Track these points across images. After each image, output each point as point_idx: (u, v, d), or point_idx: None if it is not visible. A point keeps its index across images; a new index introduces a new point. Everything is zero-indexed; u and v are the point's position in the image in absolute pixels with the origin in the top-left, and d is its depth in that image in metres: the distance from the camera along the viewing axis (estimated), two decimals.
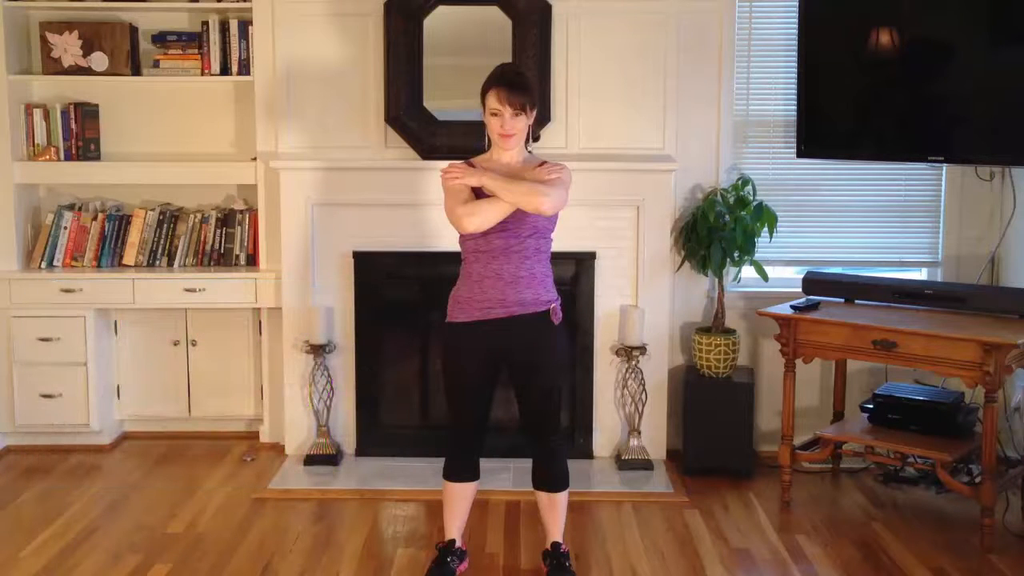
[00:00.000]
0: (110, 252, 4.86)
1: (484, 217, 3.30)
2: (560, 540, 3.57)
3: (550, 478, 3.54)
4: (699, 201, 4.63)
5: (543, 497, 3.56)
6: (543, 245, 3.44)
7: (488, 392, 3.53)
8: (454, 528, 3.60)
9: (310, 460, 4.64)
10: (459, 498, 3.58)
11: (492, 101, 3.34)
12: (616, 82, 4.64)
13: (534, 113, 3.42)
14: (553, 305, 3.45)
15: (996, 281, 4.63)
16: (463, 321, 3.44)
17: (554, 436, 3.53)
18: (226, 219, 4.88)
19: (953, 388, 4.39)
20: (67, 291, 4.71)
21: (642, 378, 4.60)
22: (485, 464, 3.64)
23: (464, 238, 3.43)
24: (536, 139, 3.49)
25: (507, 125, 3.34)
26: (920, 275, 4.85)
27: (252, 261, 4.86)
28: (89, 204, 4.91)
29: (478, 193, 3.37)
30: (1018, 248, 4.51)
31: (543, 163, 3.43)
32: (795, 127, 4.52)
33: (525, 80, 3.44)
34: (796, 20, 4.46)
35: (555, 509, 3.56)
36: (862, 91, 4.42)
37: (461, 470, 3.57)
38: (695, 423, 4.56)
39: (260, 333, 4.90)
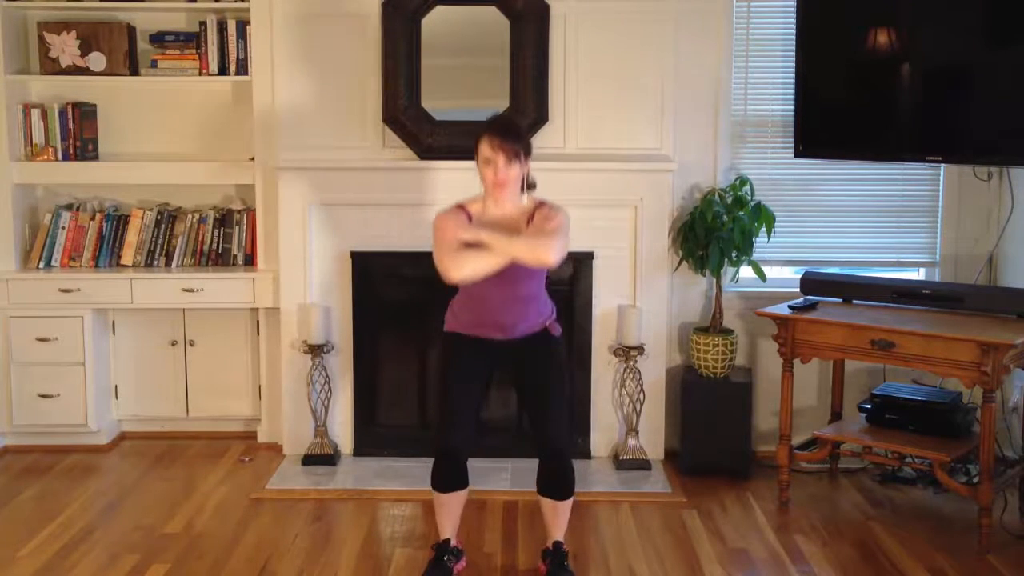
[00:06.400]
0: (108, 252, 4.86)
1: (473, 269, 3.24)
2: (561, 540, 3.56)
3: (558, 487, 3.50)
4: (697, 201, 4.63)
5: (548, 503, 3.53)
6: (536, 273, 3.41)
7: (480, 399, 3.54)
8: (448, 530, 3.58)
9: (308, 460, 4.64)
10: (449, 506, 3.55)
11: (485, 149, 3.30)
12: (614, 82, 4.63)
13: (528, 162, 3.37)
14: (550, 321, 3.46)
15: (994, 281, 4.63)
16: (462, 333, 3.45)
17: (564, 447, 3.50)
18: (224, 219, 4.88)
19: (951, 388, 4.39)
20: (65, 291, 4.71)
21: (640, 378, 4.60)
22: (482, 464, 3.65)
23: None
24: (532, 187, 3.44)
25: (501, 173, 3.29)
26: (918, 275, 4.85)
27: (250, 261, 4.86)
28: (87, 204, 4.91)
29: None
30: (1016, 248, 4.51)
31: (540, 204, 3.39)
32: (793, 127, 4.51)
33: (518, 128, 3.44)
34: (794, 20, 4.46)
35: (560, 514, 3.54)
36: (860, 91, 4.42)
37: (450, 479, 3.51)
38: (693, 423, 4.56)
39: (258, 333, 4.90)
